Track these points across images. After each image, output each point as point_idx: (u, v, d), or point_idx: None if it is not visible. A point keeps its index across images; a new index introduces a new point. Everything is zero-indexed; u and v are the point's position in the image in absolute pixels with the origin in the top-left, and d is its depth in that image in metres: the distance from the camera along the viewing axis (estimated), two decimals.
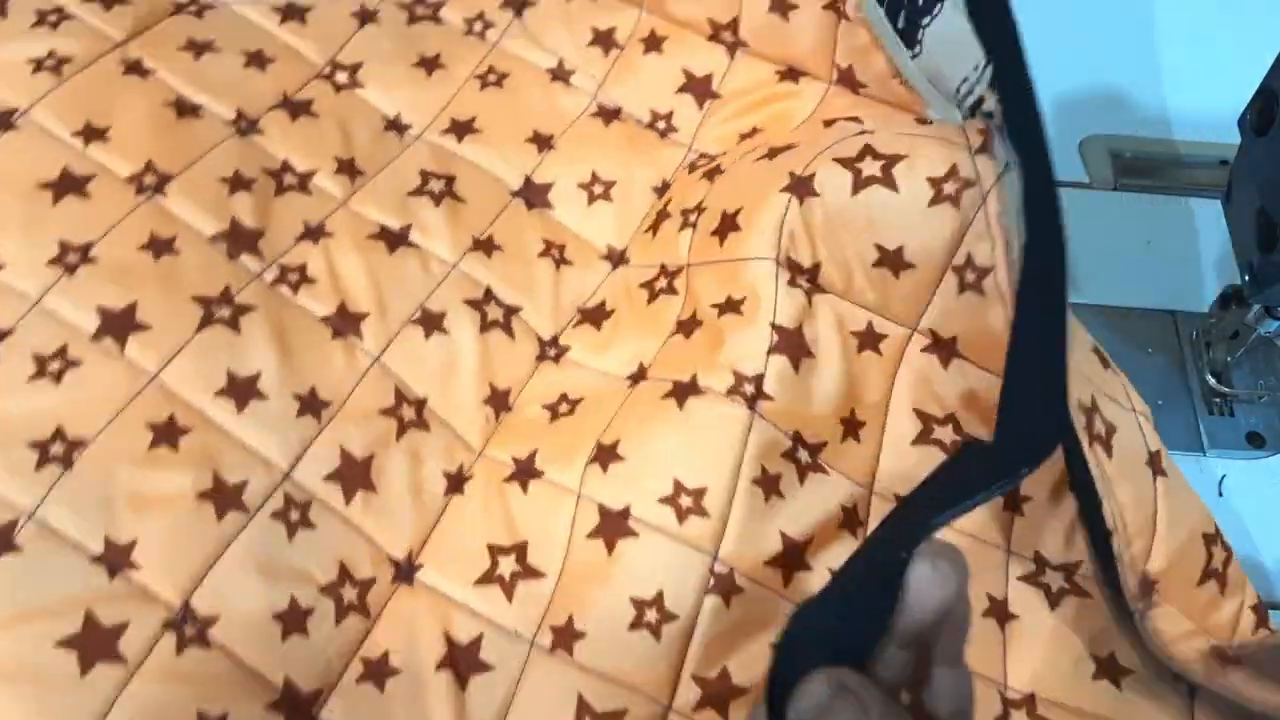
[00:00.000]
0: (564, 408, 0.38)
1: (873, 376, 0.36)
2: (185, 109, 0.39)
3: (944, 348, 0.37)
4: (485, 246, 0.40)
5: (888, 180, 0.36)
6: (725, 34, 0.45)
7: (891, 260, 0.36)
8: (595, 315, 0.40)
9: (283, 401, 0.34)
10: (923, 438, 0.36)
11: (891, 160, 0.36)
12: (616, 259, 0.42)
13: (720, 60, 0.45)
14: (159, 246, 0.35)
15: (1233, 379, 0.44)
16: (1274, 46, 0.37)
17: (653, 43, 0.46)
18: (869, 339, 0.36)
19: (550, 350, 0.39)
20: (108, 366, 0.32)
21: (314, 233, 0.38)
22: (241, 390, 0.33)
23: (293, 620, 0.31)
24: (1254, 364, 0.44)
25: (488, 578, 0.34)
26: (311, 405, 0.34)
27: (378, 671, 0.32)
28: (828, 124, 0.41)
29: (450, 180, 0.41)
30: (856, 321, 0.36)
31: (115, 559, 0.30)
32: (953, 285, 0.36)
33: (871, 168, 0.36)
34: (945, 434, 0.37)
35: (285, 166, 0.39)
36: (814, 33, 0.42)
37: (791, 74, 0.44)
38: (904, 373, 0.37)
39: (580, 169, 0.43)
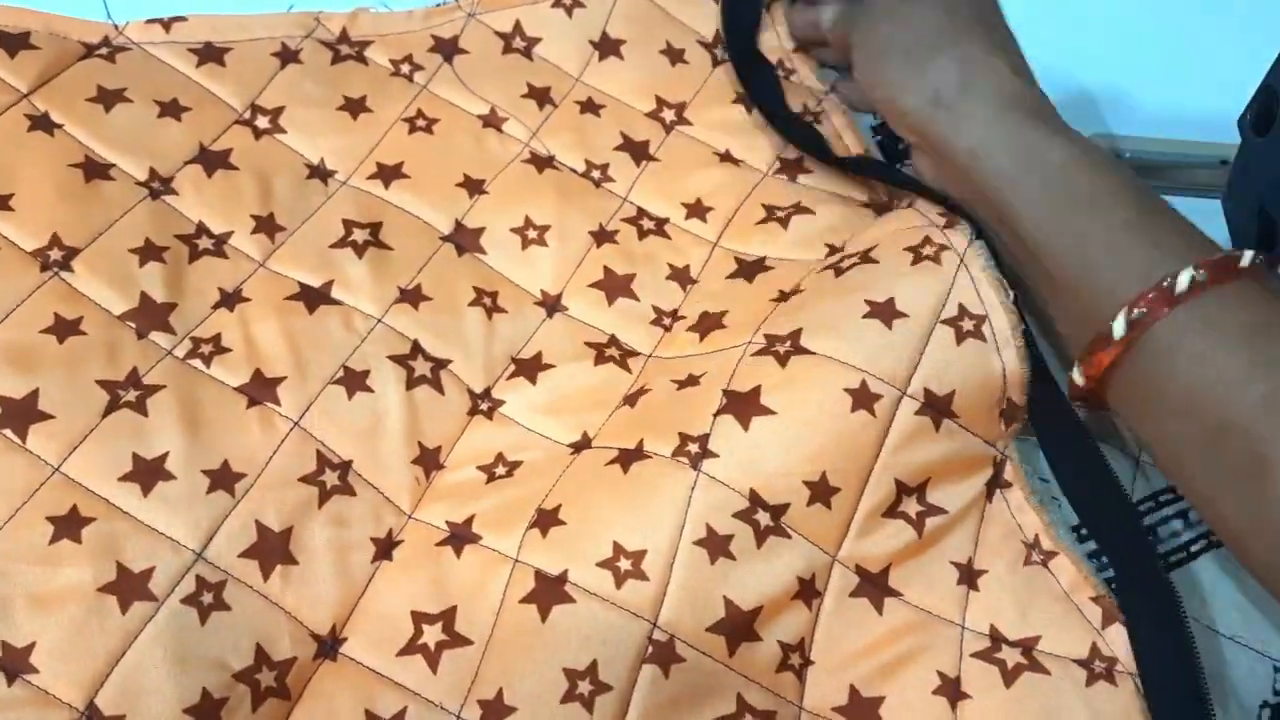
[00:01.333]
0: (501, 469, 0.36)
1: (862, 440, 0.34)
2: (95, 170, 0.37)
3: (938, 407, 0.35)
4: (412, 297, 0.38)
5: (867, 260, 0.36)
6: (667, 113, 0.45)
7: (883, 311, 0.35)
8: (530, 368, 0.39)
9: (191, 480, 0.33)
10: (891, 510, 0.35)
11: (866, 250, 0.38)
12: (551, 305, 0.40)
13: (658, 132, 0.45)
14: (64, 329, 0.34)
15: None
16: (1274, 46, 0.38)
17: (590, 106, 0.45)
18: (863, 399, 0.34)
19: (483, 403, 0.38)
20: (7, 460, 0.31)
21: (230, 299, 0.37)
22: (147, 473, 0.32)
23: (206, 712, 0.30)
24: None
25: (410, 647, 0.33)
26: (223, 480, 0.33)
27: None
28: (770, 210, 0.42)
29: (376, 228, 0.39)
30: (849, 379, 0.34)
31: (13, 664, 0.29)
32: (948, 338, 0.35)
33: (849, 261, 0.37)
34: (910, 505, 0.35)
35: (200, 230, 0.38)
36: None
37: (729, 157, 0.44)
38: (894, 437, 0.34)
39: (513, 213, 0.41)
